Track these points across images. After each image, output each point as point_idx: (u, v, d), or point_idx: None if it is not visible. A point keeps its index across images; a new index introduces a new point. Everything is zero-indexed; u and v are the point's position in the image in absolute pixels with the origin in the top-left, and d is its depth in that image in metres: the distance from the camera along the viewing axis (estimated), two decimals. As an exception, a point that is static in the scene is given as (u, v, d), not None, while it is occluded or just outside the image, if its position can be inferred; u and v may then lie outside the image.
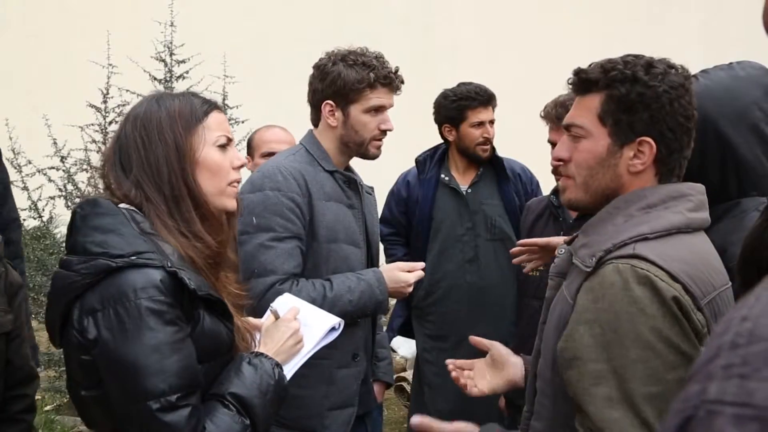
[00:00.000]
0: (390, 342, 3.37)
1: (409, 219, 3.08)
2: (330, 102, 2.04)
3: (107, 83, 4.46)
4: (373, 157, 2.10)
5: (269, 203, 1.92)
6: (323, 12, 6.92)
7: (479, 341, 1.64)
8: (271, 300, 1.67)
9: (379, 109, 2.04)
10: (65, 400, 4.39)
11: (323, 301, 1.84)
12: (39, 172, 4.36)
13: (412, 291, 3.02)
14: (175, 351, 1.21)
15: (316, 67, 2.08)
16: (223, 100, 4.68)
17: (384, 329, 2.58)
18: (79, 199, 4.21)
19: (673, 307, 1.09)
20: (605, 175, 1.24)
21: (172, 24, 4.53)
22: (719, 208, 1.41)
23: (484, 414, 2.03)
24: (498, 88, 3.06)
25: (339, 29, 4.65)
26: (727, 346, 0.46)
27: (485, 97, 2.94)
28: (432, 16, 7.17)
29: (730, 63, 1.54)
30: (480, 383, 1.56)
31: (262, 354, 1.38)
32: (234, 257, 1.48)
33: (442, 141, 3.09)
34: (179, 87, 4.52)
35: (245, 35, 6.70)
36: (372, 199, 2.26)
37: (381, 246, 2.81)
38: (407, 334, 3.25)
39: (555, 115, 2.30)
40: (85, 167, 4.39)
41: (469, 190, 3.01)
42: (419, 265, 2.08)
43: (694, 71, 1.37)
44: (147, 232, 1.29)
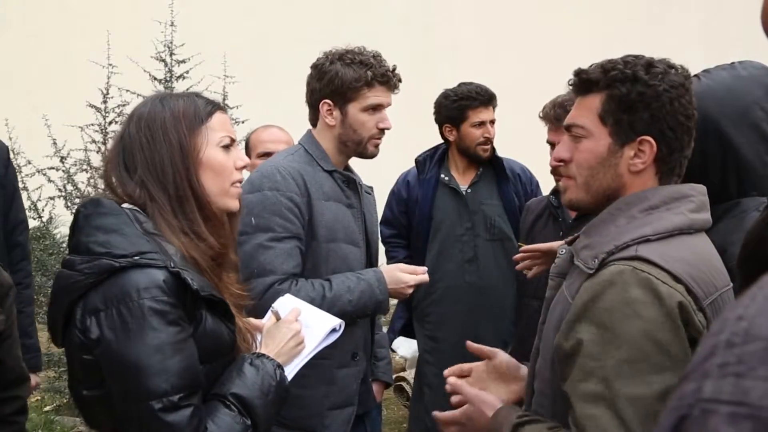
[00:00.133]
0: (391, 343, 3.38)
1: (410, 219, 3.08)
2: (328, 101, 2.03)
3: (107, 83, 4.45)
4: (371, 156, 2.10)
5: (268, 203, 1.92)
6: (323, 12, 6.92)
7: (479, 349, 1.56)
8: (270, 300, 1.66)
9: (377, 108, 2.04)
10: (65, 400, 4.39)
11: (322, 301, 1.84)
12: (39, 172, 4.35)
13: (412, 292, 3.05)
14: (178, 351, 1.21)
15: (313, 67, 2.08)
16: (223, 100, 4.68)
17: (384, 330, 2.58)
18: (79, 200, 4.22)
19: (673, 312, 1.09)
20: (606, 175, 1.24)
21: (172, 24, 4.52)
22: (719, 208, 1.40)
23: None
24: (498, 88, 3.06)
25: (339, 29, 4.64)
26: (723, 345, 0.46)
27: (486, 97, 2.95)
28: (432, 16, 7.17)
29: (732, 63, 1.54)
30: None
31: (263, 355, 1.38)
32: (235, 258, 1.49)
33: (442, 141, 3.09)
34: (179, 87, 4.51)
35: (245, 35, 6.70)
36: (371, 199, 2.26)
37: (382, 247, 2.82)
38: (409, 335, 3.25)
39: (553, 116, 2.30)
40: (85, 167, 4.39)
41: (469, 190, 3.01)
42: (421, 269, 2.06)
43: (694, 71, 1.37)
44: (150, 232, 1.29)
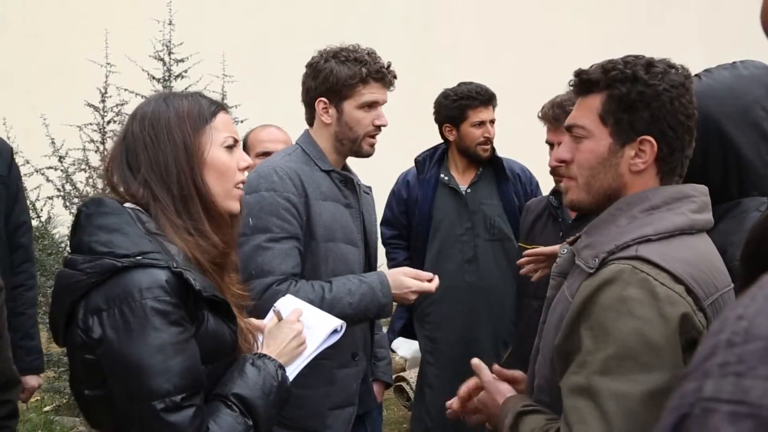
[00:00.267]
0: (390, 344, 3.37)
1: (410, 219, 3.08)
2: (323, 99, 2.03)
3: (105, 82, 4.45)
4: (367, 155, 2.09)
5: (265, 204, 1.91)
6: (323, 12, 6.91)
7: (501, 372, 1.48)
8: (269, 301, 1.66)
9: (373, 105, 2.03)
10: (64, 400, 4.39)
11: (321, 303, 1.83)
12: (37, 172, 4.35)
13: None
14: (180, 351, 1.21)
15: (308, 66, 2.08)
16: (222, 99, 4.67)
17: (384, 330, 2.57)
18: (78, 199, 4.21)
19: (670, 315, 1.09)
20: (607, 175, 1.24)
21: (170, 23, 4.52)
22: (720, 208, 1.40)
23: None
24: (498, 88, 3.06)
25: (339, 29, 4.63)
26: (723, 344, 0.46)
27: (486, 97, 2.94)
28: (432, 16, 7.16)
29: (733, 62, 1.54)
30: None
31: (265, 355, 1.38)
32: (236, 258, 1.48)
33: (441, 141, 3.09)
34: (177, 86, 4.51)
35: (244, 35, 6.70)
36: (370, 199, 2.25)
37: (382, 248, 2.81)
38: (408, 336, 3.24)
39: (552, 116, 2.29)
40: (84, 167, 4.38)
41: (469, 190, 3.01)
42: (425, 275, 2.01)
43: (694, 71, 1.37)
44: (152, 232, 1.29)
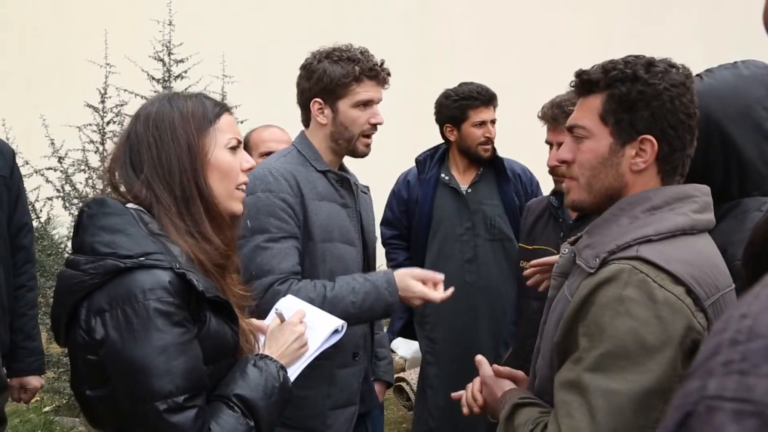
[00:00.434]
0: (390, 344, 3.37)
1: (410, 219, 3.08)
2: (318, 100, 2.03)
3: (105, 83, 4.45)
4: (362, 155, 2.08)
5: (261, 205, 1.91)
6: (323, 12, 6.91)
7: (500, 371, 1.49)
8: (271, 301, 1.66)
9: (368, 103, 2.03)
10: (64, 401, 4.38)
11: (323, 303, 1.82)
12: (36, 172, 4.35)
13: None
14: (183, 352, 1.21)
15: (302, 67, 2.08)
16: (222, 100, 4.65)
17: (384, 330, 2.57)
18: (77, 200, 4.21)
19: (665, 317, 1.09)
20: (608, 175, 1.24)
21: (170, 23, 4.51)
22: (721, 207, 1.40)
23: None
24: (498, 88, 3.06)
25: (339, 29, 4.63)
26: (727, 343, 0.46)
27: (487, 97, 2.95)
28: (431, 15, 7.16)
29: (734, 62, 1.54)
30: None
31: (267, 356, 1.38)
32: (237, 260, 1.48)
33: (442, 141, 3.08)
34: (178, 87, 4.50)
35: (244, 35, 6.69)
36: (368, 199, 2.25)
37: (381, 248, 2.81)
38: (408, 336, 3.24)
39: (551, 116, 2.29)
40: (83, 168, 4.38)
41: (469, 189, 3.01)
42: (434, 277, 1.93)
43: (694, 71, 1.37)
44: (155, 233, 1.29)
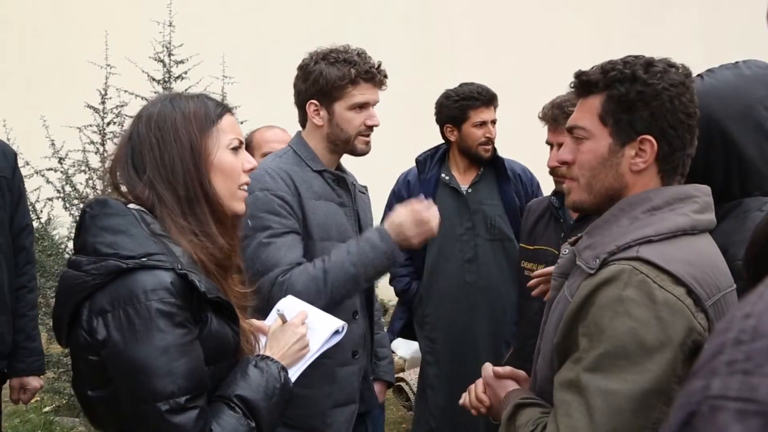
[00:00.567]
0: (390, 343, 3.37)
1: (410, 219, 3.07)
2: (314, 101, 2.03)
3: (105, 84, 4.45)
4: (362, 154, 2.08)
5: (260, 203, 1.92)
6: (323, 12, 6.91)
7: (499, 373, 1.46)
8: (278, 294, 1.67)
9: (364, 106, 2.03)
10: (64, 401, 4.39)
11: (324, 272, 1.83)
12: (37, 173, 4.35)
13: (412, 292, 3.03)
14: (184, 353, 1.21)
15: (299, 68, 2.08)
16: (222, 100, 4.66)
17: (384, 330, 2.57)
18: (78, 201, 4.21)
19: (665, 318, 1.09)
20: (608, 175, 1.24)
21: (170, 24, 4.52)
22: (722, 207, 1.40)
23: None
24: (498, 88, 3.06)
25: (339, 29, 4.63)
26: (731, 342, 0.46)
27: (487, 97, 2.94)
28: (431, 15, 7.16)
29: (735, 62, 1.53)
30: None
31: (268, 357, 1.38)
32: (239, 261, 1.48)
33: (442, 141, 3.08)
34: (178, 88, 4.51)
35: (244, 35, 6.69)
36: (366, 198, 2.25)
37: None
38: (408, 336, 3.24)
39: (552, 116, 2.29)
40: (83, 168, 4.38)
41: (470, 189, 3.00)
42: (419, 198, 2.01)
43: (694, 71, 1.37)
44: (157, 233, 1.29)
